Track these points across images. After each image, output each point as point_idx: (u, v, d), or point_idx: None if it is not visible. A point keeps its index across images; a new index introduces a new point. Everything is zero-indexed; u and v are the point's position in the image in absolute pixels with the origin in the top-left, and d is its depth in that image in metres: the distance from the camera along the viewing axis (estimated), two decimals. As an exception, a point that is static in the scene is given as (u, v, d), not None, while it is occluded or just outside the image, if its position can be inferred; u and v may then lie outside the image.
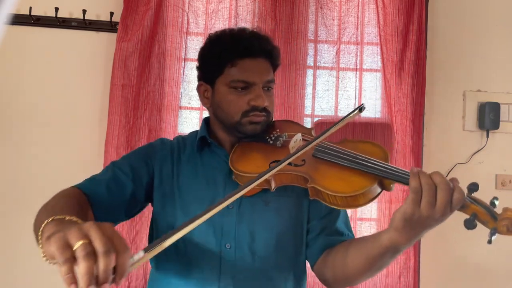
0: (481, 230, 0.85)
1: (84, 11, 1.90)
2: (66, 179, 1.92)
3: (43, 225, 0.77)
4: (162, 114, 1.89)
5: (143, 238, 1.84)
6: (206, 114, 1.93)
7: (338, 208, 0.95)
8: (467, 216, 0.82)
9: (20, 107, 1.92)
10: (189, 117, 1.95)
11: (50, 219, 0.77)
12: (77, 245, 0.62)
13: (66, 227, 0.69)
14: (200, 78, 1.16)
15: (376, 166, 0.91)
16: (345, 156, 0.96)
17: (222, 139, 1.15)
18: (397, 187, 1.87)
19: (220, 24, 1.93)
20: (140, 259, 0.66)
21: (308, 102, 1.94)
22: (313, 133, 1.13)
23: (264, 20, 1.91)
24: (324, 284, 1.11)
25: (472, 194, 0.84)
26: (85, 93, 1.93)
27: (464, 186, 0.83)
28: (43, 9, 1.92)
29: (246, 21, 1.93)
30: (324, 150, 1.00)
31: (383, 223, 1.89)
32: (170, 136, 1.74)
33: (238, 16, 1.93)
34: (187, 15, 1.94)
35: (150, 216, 1.16)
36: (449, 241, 1.93)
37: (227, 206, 1.05)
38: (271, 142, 1.09)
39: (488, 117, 1.97)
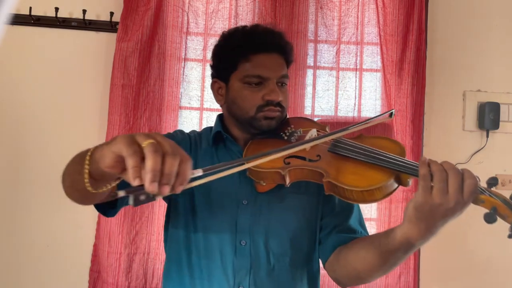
0: (481, 233, 0.86)
1: (84, 11, 1.90)
2: (66, 179, 1.93)
3: (92, 148, 0.76)
4: (162, 114, 1.88)
5: (143, 239, 1.83)
6: (206, 114, 1.95)
7: (354, 202, 0.95)
8: (487, 211, 0.81)
9: (20, 107, 1.92)
10: (189, 117, 1.95)
11: (101, 144, 0.76)
12: (146, 143, 0.64)
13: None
14: (214, 75, 1.16)
15: (392, 161, 0.91)
16: (361, 151, 0.96)
17: (236, 136, 1.15)
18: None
19: (220, 24, 1.93)
20: (198, 176, 0.69)
21: (308, 102, 1.94)
22: (327, 129, 1.13)
23: (264, 20, 1.91)
24: (336, 282, 1.10)
25: (492, 189, 0.83)
26: (85, 93, 1.93)
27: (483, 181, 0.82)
28: (43, 9, 1.92)
29: (246, 21, 1.93)
30: (339, 145, 1.00)
31: (383, 223, 1.89)
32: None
33: (238, 16, 1.93)
34: (187, 15, 1.93)
35: (150, 217, 1.16)
36: (449, 241, 1.92)
37: (242, 202, 1.07)
38: (285, 137, 1.09)
39: (488, 117, 1.97)
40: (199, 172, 0.69)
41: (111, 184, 0.80)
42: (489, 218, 0.80)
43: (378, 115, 1.08)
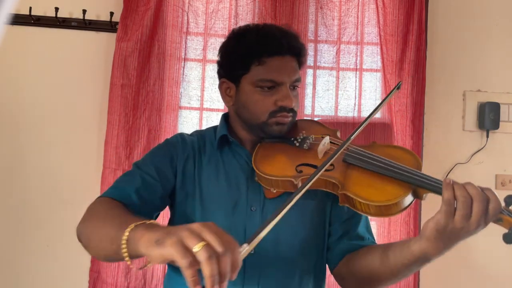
0: (482, 234, 0.85)
1: (84, 11, 1.90)
2: (65, 179, 1.94)
3: (126, 232, 0.75)
4: (161, 114, 1.88)
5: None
6: (206, 114, 1.95)
7: (369, 216, 0.93)
8: (505, 230, 0.81)
9: (20, 107, 1.92)
10: (189, 117, 1.95)
11: (132, 225, 0.76)
12: (197, 248, 0.64)
13: (170, 230, 0.69)
14: (223, 75, 1.11)
15: (410, 175, 0.89)
16: (378, 163, 0.93)
17: (243, 138, 1.12)
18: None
19: (220, 24, 1.93)
20: (245, 251, 0.70)
21: (308, 102, 1.94)
22: (338, 134, 1.10)
23: (264, 20, 1.91)
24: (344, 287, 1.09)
25: (510, 207, 0.83)
26: (85, 93, 1.93)
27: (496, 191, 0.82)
28: (43, 9, 1.92)
29: (246, 21, 1.92)
30: (354, 155, 0.97)
31: (383, 223, 1.88)
32: (170, 136, 1.73)
33: (238, 16, 1.93)
34: (187, 15, 1.93)
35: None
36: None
37: (250, 208, 1.04)
38: (297, 144, 1.05)
39: (488, 117, 1.96)
40: (244, 247, 0.70)
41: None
42: (508, 239, 0.80)
43: (387, 95, 1.05)
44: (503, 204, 0.82)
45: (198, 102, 1.94)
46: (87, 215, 0.94)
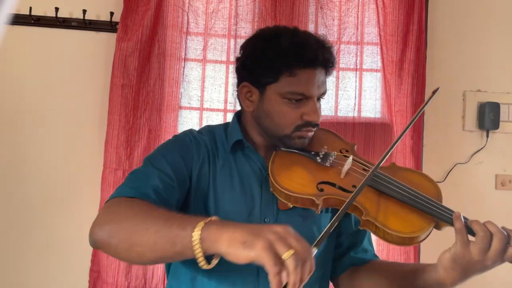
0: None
1: (84, 11, 1.90)
2: (65, 179, 1.94)
3: (195, 232, 0.74)
4: (162, 114, 1.88)
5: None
6: (206, 114, 1.95)
7: (390, 243, 0.92)
8: None
9: (20, 107, 1.92)
10: (189, 117, 1.95)
11: (202, 223, 0.75)
12: (286, 256, 0.67)
13: (254, 231, 0.71)
14: (245, 78, 1.04)
15: (435, 208, 0.88)
16: (404, 192, 0.91)
17: (257, 142, 1.08)
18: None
19: (220, 24, 1.93)
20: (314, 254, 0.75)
21: (308, 102, 1.93)
22: (355, 149, 1.08)
23: (264, 20, 1.91)
24: None
25: None
26: (85, 93, 1.93)
27: None
28: (43, 9, 1.92)
29: (246, 21, 1.93)
30: (380, 181, 0.94)
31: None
32: (170, 136, 1.73)
33: (238, 16, 1.93)
34: (187, 15, 1.93)
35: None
36: (449, 241, 1.92)
37: (264, 220, 1.02)
38: (319, 160, 1.00)
39: (488, 117, 1.96)
40: (314, 251, 0.74)
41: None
42: None
43: (426, 102, 1.02)
44: None
45: (198, 102, 1.94)
46: (110, 217, 0.88)
